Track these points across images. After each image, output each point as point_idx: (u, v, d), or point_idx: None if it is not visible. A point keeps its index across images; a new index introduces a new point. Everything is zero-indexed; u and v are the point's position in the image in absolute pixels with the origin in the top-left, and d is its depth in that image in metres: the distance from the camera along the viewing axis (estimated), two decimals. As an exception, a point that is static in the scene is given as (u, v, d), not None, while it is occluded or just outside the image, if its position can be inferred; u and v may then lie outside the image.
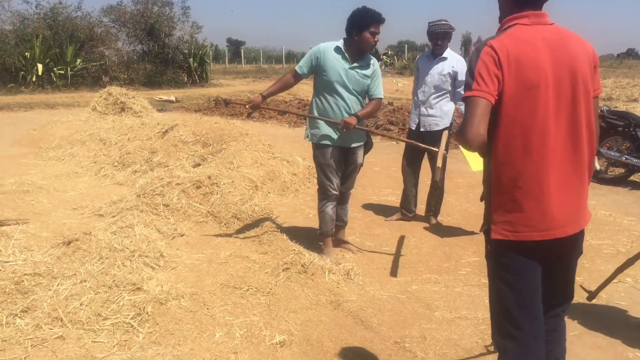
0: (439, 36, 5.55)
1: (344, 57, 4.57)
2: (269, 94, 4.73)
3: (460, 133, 2.06)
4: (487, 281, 2.38)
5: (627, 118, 7.88)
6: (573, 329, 3.68)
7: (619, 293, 4.26)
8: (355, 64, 4.58)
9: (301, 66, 4.70)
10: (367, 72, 4.64)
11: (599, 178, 8.13)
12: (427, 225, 5.92)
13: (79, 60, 22.66)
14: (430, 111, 5.65)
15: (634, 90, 20.44)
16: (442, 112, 5.63)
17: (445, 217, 6.21)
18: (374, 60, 4.72)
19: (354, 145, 4.72)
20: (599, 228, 5.85)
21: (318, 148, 4.72)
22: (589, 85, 2.12)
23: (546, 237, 2.12)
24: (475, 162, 4.96)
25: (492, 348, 3.29)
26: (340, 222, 5.11)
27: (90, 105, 13.13)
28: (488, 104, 2.01)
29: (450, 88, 5.61)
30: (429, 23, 5.67)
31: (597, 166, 8.24)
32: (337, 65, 4.56)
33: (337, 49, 4.59)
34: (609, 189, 7.70)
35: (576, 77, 2.07)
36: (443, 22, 5.58)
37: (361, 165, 4.90)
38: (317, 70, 4.65)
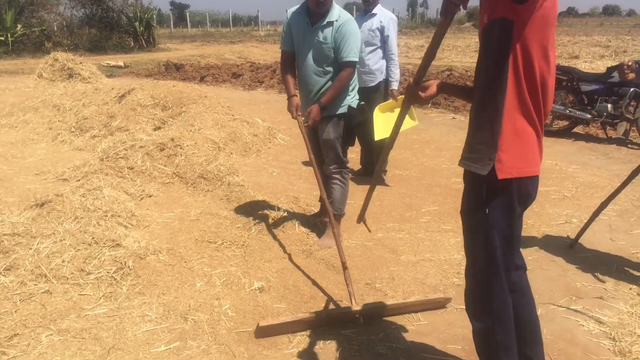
0: None
1: (305, 19, 3.93)
2: (290, 96, 4.05)
3: None
4: (449, 228, 2.55)
5: (571, 73, 8.27)
6: (527, 264, 4.01)
7: (566, 232, 4.62)
8: (316, 25, 3.89)
9: (281, 41, 4.16)
10: (327, 33, 3.85)
11: (545, 130, 8.55)
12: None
13: (19, 26, 21.85)
14: (363, 68, 5.72)
15: (574, 48, 21.17)
16: (374, 68, 5.79)
17: (404, 171, 6.48)
18: (341, 17, 3.87)
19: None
20: (546, 176, 6.22)
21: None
22: None
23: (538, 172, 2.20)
24: (381, 130, 4.99)
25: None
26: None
27: (35, 72, 12.78)
28: None
29: (379, 43, 5.76)
30: None
31: (543, 120, 8.66)
32: (299, 30, 3.98)
33: (302, 9, 3.97)
34: (554, 140, 8.12)
35: None
36: None
37: (329, 140, 4.09)
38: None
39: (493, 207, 2.13)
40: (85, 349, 2.85)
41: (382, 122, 4.99)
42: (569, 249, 4.27)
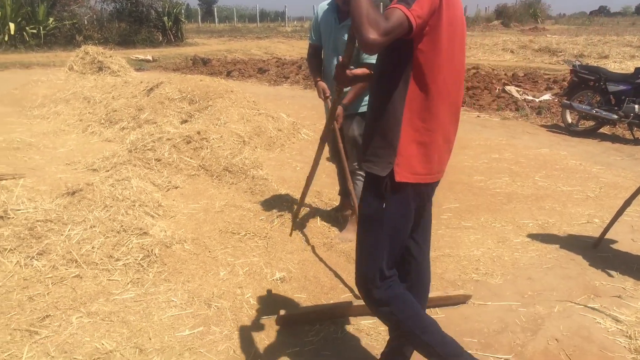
0: None
1: (333, 15, 3.93)
2: (316, 81, 4.09)
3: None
4: (469, 225, 2.61)
5: (598, 73, 8.21)
6: (547, 262, 4.05)
7: (587, 232, 4.63)
8: (343, 23, 3.85)
9: (310, 35, 4.22)
10: None
11: (571, 131, 8.52)
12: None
13: (51, 19, 22.26)
14: None
15: (604, 47, 20.85)
16: None
17: (426, 168, 6.51)
18: None
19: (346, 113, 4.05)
20: (570, 176, 6.22)
21: None
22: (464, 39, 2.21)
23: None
24: None
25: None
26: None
27: (67, 64, 13.04)
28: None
29: None
30: None
31: (569, 119, 8.62)
32: (327, 26, 3.98)
33: (331, 5, 3.97)
34: (579, 140, 8.08)
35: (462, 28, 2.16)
36: None
37: (353, 137, 4.13)
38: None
39: (389, 203, 2.18)
40: (113, 331, 2.97)
41: None
42: (592, 248, 4.28)
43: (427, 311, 3.32)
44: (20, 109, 9.55)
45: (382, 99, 2.12)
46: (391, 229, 2.21)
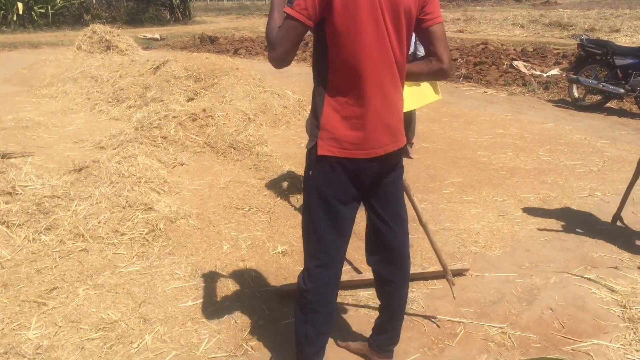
0: None
1: None
2: None
3: None
4: (471, 199, 2.65)
5: (605, 46, 8.13)
6: (546, 235, 4.10)
7: (588, 205, 4.66)
8: None
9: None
10: None
11: (577, 105, 8.47)
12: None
13: (59, -2, 22.26)
14: None
15: (616, 21, 20.53)
16: None
17: (430, 144, 6.54)
18: None
19: None
20: (574, 150, 6.22)
21: None
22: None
23: None
24: (408, 102, 4.99)
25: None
26: None
27: (74, 44, 13.06)
28: None
29: None
30: None
31: (576, 94, 8.57)
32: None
33: None
34: (586, 115, 8.05)
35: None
36: None
37: None
38: None
39: (314, 172, 2.27)
40: (118, 302, 3.07)
41: (408, 95, 5.06)
42: (612, 224, 4.29)
43: (424, 282, 3.41)
44: (29, 88, 9.63)
45: (314, 81, 2.24)
46: (317, 195, 2.27)
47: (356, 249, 3.87)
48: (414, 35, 2.26)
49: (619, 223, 4.26)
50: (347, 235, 2.40)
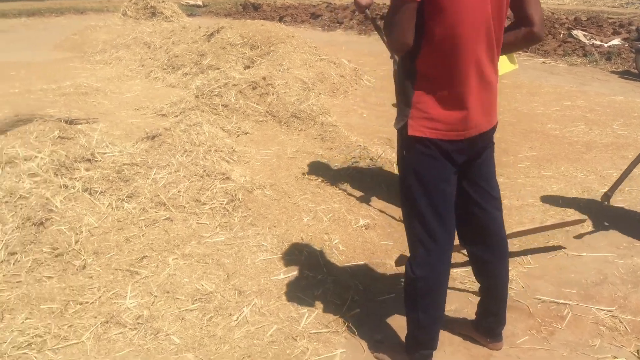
0: None
1: None
2: None
3: None
4: (550, 174, 2.48)
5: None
6: (637, 213, 3.91)
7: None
8: None
9: None
10: None
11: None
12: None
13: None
14: None
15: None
16: None
17: (497, 117, 6.32)
18: None
19: None
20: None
21: None
22: None
23: None
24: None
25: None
26: None
27: (120, 10, 13.05)
28: None
29: None
30: None
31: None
32: None
33: None
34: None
35: None
36: None
37: None
38: None
39: (408, 153, 2.19)
40: (210, 273, 3.02)
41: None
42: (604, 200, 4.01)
43: (519, 260, 3.28)
44: (82, 54, 9.66)
45: (403, 60, 2.13)
46: (415, 177, 2.17)
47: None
48: None
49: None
50: (451, 215, 2.27)
